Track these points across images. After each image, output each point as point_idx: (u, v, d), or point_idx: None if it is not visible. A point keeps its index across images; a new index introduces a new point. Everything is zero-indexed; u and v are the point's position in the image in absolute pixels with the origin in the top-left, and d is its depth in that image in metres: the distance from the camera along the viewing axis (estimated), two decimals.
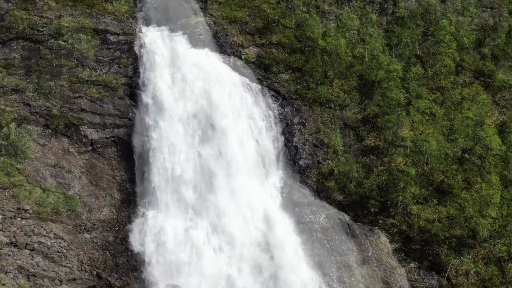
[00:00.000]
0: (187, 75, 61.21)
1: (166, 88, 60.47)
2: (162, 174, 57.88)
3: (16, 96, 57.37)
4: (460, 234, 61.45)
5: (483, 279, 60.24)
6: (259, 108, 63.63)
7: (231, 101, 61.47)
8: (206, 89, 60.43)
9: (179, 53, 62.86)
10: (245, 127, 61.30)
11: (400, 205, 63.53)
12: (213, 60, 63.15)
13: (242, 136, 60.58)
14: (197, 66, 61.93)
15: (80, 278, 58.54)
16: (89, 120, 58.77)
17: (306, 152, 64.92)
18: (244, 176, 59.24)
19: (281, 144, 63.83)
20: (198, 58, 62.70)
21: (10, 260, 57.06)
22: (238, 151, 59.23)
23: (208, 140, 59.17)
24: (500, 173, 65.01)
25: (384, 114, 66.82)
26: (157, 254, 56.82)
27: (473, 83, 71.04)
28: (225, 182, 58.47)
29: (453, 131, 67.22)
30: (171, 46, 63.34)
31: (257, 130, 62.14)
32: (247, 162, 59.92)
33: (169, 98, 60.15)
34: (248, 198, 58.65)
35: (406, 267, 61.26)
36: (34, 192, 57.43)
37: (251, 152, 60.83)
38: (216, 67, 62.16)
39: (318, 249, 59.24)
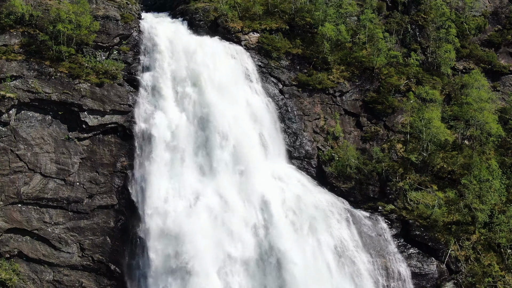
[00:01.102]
0: (186, 61, 60.98)
1: (165, 74, 60.25)
2: (163, 159, 57.73)
3: (16, 82, 57.22)
4: (459, 220, 61.67)
5: (483, 265, 60.52)
6: (258, 94, 63.53)
7: (230, 87, 61.23)
8: (205, 75, 60.20)
9: (178, 39, 62.65)
10: (245, 113, 61.12)
11: (399, 191, 63.69)
12: (212, 46, 62.90)
13: (242, 123, 60.46)
14: (196, 51, 61.69)
15: (81, 264, 58.76)
16: (89, 106, 58.67)
17: (306, 139, 64.94)
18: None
19: (280, 131, 63.73)
20: (197, 44, 62.48)
21: (10, 246, 57.26)
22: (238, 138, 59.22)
23: (208, 126, 59.01)
24: (499, 159, 65.17)
25: (384, 100, 66.84)
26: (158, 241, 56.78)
27: (473, 69, 70.98)
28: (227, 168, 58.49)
29: (453, 117, 67.29)
30: (171, 32, 63.14)
31: (256, 117, 61.97)
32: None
33: (168, 83, 59.99)
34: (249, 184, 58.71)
35: (405, 253, 61.49)
36: (34, 178, 57.44)
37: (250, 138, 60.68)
38: (215, 53, 61.91)
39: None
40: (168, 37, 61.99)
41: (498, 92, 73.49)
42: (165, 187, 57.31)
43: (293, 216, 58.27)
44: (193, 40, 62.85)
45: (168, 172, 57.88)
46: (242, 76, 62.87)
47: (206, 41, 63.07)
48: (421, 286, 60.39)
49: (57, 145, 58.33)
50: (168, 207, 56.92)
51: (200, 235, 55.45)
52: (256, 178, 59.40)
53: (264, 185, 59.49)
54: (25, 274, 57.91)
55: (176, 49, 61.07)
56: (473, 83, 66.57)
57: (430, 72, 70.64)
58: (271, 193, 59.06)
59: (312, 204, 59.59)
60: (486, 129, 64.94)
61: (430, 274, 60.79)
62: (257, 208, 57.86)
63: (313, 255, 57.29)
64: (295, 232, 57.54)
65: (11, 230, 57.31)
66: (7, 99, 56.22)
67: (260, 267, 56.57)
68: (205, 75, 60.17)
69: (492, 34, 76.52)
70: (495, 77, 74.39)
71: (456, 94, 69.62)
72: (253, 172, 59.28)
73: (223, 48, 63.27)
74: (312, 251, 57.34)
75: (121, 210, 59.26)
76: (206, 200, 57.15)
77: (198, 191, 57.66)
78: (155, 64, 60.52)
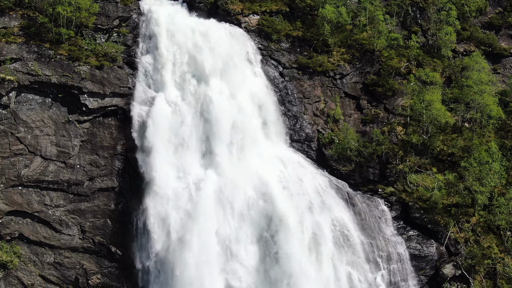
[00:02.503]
0: (185, 44, 60.78)
1: (165, 56, 60.09)
2: (163, 142, 57.72)
3: (16, 64, 57.09)
4: (459, 202, 61.83)
5: (482, 247, 60.77)
6: (259, 77, 63.42)
7: (231, 69, 61.12)
8: (205, 57, 60.05)
9: (178, 21, 62.32)
10: (245, 96, 61.05)
11: (399, 174, 63.81)
12: (212, 28, 62.65)
13: (242, 105, 60.43)
14: (196, 33, 61.42)
15: (81, 246, 58.99)
16: (89, 89, 58.58)
17: (306, 122, 64.94)
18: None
19: (280, 114, 63.70)
20: (197, 26, 62.18)
21: (11, 229, 57.45)
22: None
23: (208, 108, 59.01)
24: (499, 142, 65.21)
25: (384, 83, 66.75)
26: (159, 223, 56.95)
27: (473, 52, 70.82)
28: (227, 150, 58.52)
29: (453, 100, 67.27)
30: (170, 15, 62.78)
31: (256, 99, 61.91)
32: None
33: (168, 66, 59.86)
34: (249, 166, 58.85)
35: (404, 235, 61.74)
36: (34, 160, 57.49)
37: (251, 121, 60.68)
38: (215, 35, 61.67)
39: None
40: (168, 19, 61.61)
41: (498, 75, 73.40)
42: (165, 169, 57.36)
43: (293, 198, 58.39)
44: (193, 22, 62.54)
45: (168, 154, 57.89)
46: (242, 59, 62.63)
47: (206, 23, 62.77)
48: (420, 268, 60.72)
49: (57, 127, 58.32)
50: (169, 190, 57.04)
51: (202, 216, 55.67)
52: (256, 160, 59.46)
53: (264, 167, 59.56)
54: (26, 256, 58.17)
55: (176, 31, 60.74)
56: (473, 65, 66.45)
57: (431, 54, 70.47)
58: (271, 176, 59.13)
59: (312, 186, 59.73)
60: (486, 112, 64.98)
61: (429, 256, 61.08)
62: (257, 190, 58.00)
63: (312, 235, 57.59)
64: (295, 215, 57.75)
65: (11, 212, 57.47)
66: (7, 82, 56.14)
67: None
68: (205, 58, 59.98)
69: (492, 17, 76.26)
70: (495, 59, 74.25)
71: (457, 77, 69.51)
72: (253, 154, 59.36)
73: (223, 30, 62.96)
74: (312, 231, 57.56)
75: (122, 193, 59.40)
76: (207, 183, 57.20)
77: (199, 174, 57.81)
78: (155, 46, 60.29)
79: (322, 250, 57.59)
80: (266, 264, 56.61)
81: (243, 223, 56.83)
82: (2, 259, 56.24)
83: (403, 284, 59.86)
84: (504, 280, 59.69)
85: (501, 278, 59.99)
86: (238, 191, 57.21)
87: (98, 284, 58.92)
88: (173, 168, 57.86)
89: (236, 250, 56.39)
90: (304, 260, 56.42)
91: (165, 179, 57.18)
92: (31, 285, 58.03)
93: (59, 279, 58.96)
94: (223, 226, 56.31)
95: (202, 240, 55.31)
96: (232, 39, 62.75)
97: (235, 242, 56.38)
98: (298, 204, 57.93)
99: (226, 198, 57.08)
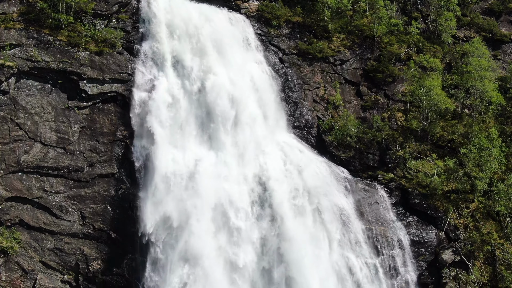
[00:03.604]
0: (185, 29, 60.57)
1: (165, 42, 59.92)
2: (162, 128, 57.68)
3: (15, 50, 56.93)
4: (458, 188, 61.91)
5: (482, 233, 60.93)
6: (258, 63, 63.30)
7: (231, 55, 60.98)
8: (205, 43, 59.91)
9: (178, 7, 62.01)
10: (245, 82, 60.93)
11: (399, 160, 63.84)
12: (212, 14, 62.46)
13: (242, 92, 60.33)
14: (195, 19, 61.19)
15: (81, 232, 59.10)
16: (88, 75, 58.43)
17: (306, 108, 64.89)
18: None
19: (280, 100, 63.64)
20: (196, 12, 61.92)
21: (11, 215, 57.53)
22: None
23: (207, 94, 58.97)
24: (499, 128, 65.21)
25: (385, 69, 66.64)
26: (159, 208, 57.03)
27: (474, 38, 70.69)
28: (227, 136, 58.57)
29: (453, 86, 67.22)
30: (170, 0, 62.51)
31: (256, 85, 61.81)
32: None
33: (168, 51, 59.71)
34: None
35: (404, 221, 61.90)
36: (34, 146, 57.45)
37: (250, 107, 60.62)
38: (215, 21, 61.49)
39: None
40: (167, 4, 61.26)
41: (498, 61, 73.35)
42: (164, 155, 57.30)
43: (291, 183, 58.50)
44: (192, 7, 62.22)
45: (167, 140, 57.82)
46: (242, 45, 62.50)
47: (206, 9, 62.50)
48: (419, 254, 60.90)
49: (57, 114, 58.23)
50: (169, 175, 57.02)
51: (201, 200, 55.85)
52: (255, 147, 59.49)
53: (264, 153, 59.61)
54: (26, 242, 58.29)
55: (175, 17, 60.45)
56: (473, 51, 66.38)
57: (431, 40, 70.33)
58: (270, 162, 59.19)
59: (312, 172, 59.78)
60: (486, 98, 65.02)
61: (429, 242, 61.26)
62: (256, 177, 58.10)
63: (313, 222, 57.75)
64: (294, 199, 57.83)
65: (11, 198, 57.50)
66: (7, 68, 56.02)
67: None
68: (204, 43, 59.83)
69: (493, 2, 76.02)
70: (495, 45, 74.19)
71: (457, 63, 69.40)
72: (253, 140, 59.36)
73: (223, 16, 62.78)
74: (312, 218, 57.72)
75: (122, 179, 59.39)
76: (206, 166, 57.28)
77: (198, 159, 57.82)
78: (154, 32, 60.03)
79: (323, 235, 57.77)
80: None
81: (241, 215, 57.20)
82: (2, 245, 56.36)
83: (403, 269, 60.12)
84: (503, 266, 59.89)
85: (501, 264, 60.19)
86: (238, 177, 57.29)
87: (99, 270, 59.07)
88: (171, 153, 57.73)
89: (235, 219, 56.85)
90: (305, 246, 56.70)
91: (164, 164, 57.07)
92: (32, 270, 58.19)
93: (60, 264, 59.12)
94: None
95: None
96: (232, 25, 62.62)
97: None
98: (297, 190, 57.99)
99: (223, 187, 57.20)
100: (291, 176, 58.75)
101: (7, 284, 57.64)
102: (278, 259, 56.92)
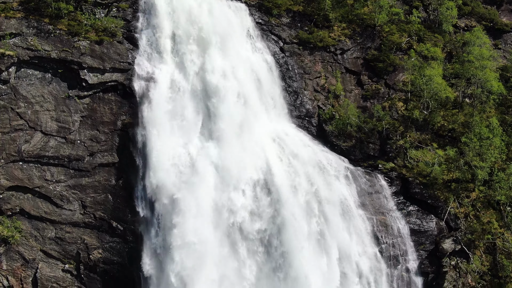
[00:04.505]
0: (186, 18, 60.36)
1: (165, 31, 59.78)
2: (162, 117, 57.64)
3: (15, 40, 56.79)
4: (459, 177, 61.95)
5: (482, 222, 61.00)
6: (259, 52, 63.19)
7: (231, 44, 60.83)
8: (206, 32, 59.73)
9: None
10: (246, 71, 60.83)
11: (400, 149, 63.85)
12: (213, 2, 62.11)
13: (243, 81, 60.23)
14: (196, 8, 60.87)
15: (82, 221, 59.15)
16: (89, 64, 58.31)
17: (307, 97, 64.85)
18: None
19: (281, 89, 63.58)
20: (197, 0, 61.68)
21: (11, 204, 57.57)
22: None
23: (208, 83, 58.87)
24: (500, 117, 65.21)
25: (385, 58, 66.56)
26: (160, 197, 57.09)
27: (474, 27, 70.59)
28: (227, 125, 58.50)
29: (454, 75, 67.15)
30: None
31: (256, 75, 61.73)
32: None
33: (168, 40, 59.58)
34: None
35: (404, 210, 61.96)
36: (35, 136, 57.41)
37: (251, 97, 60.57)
38: (216, 9, 61.22)
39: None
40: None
41: (499, 50, 73.37)
42: (165, 144, 57.26)
43: (293, 173, 58.51)
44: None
45: (168, 129, 57.82)
46: (243, 33, 62.35)
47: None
48: (420, 243, 61.01)
49: (57, 103, 58.17)
50: (169, 163, 57.03)
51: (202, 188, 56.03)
52: (256, 136, 59.46)
53: (265, 143, 59.59)
54: (27, 231, 58.33)
55: (176, 6, 60.18)
56: (474, 40, 66.31)
57: (432, 29, 70.24)
58: (271, 151, 59.19)
59: (312, 162, 59.79)
60: (487, 87, 64.93)
61: (429, 231, 61.35)
62: (257, 166, 58.08)
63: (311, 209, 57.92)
64: (295, 188, 57.87)
65: (12, 188, 57.49)
66: (7, 57, 55.91)
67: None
68: (205, 32, 59.56)
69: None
70: (496, 35, 74.16)
71: (458, 52, 69.39)
72: (253, 129, 59.32)
73: (224, 5, 62.51)
74: (311, 207, 57.82)
75: (122, 168, 59.37)
76: (206, 155, 57.35)
77: (199, 148, 57.82)
78: (154, 21, 59.86)
79: (322, 223, 57.87)
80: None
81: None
82: (3, 234, 56.41)
83: (403, 258, 60.25)
84: (503, 255, 59.99)
85: (501, 253, 60.29)
86: (238, 166, 57.31)
87: (100, 259, 59.15)
88: (171, 142, 57.70)
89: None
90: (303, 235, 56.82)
91: (165, 153, 57.06)
92: (33, 260, 58.28)
93: (61, 254, 59.18)
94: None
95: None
96: (232, 14, 62.39)
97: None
98: (298, 179, 58.03)
99: (226, 175, 57.22)
100: (291, 165, 58.66)
101: (8, 273, 57.76)
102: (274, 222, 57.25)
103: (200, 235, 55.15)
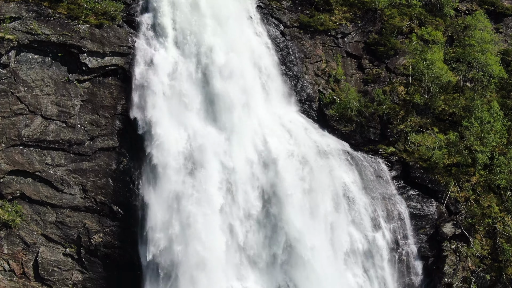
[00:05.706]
0: (186, 1, 60.09)
1: (165, 14, 59.52)
2: (163, 101, 57.53)
3: (15, 23, 56.54)
4: (459, 162, 61.96)
5: (482, 206, 61.08)
6: (260, 36, 62.98)
7: (232, 28, 60.60)
8: (206, 15, 59.44)
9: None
10: (246, 55, 60.66)
11: (400, 133, 63.81)
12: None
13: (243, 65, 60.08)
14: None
15: (83, 206, 59.22)
16: (89, 48, 58.08)
17: (307, 82, 64.71)
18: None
19: (282, 74, 63.42)
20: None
21: (12, 188, 57.63)
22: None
23: (209, 67, 58.74)
24: (501, 101, 65.15)
25: (386, 42, 66.33)
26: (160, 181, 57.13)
27: (476, 11, 70.32)
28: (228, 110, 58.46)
29: (455, 59, 66.97)
30: None
31: (257, 59, 61.58)
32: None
33: (168, 24, 59.33)
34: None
35: (405, 195, 62.01)
36: (35, 120, 57.34)
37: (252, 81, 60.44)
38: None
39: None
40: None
41: (500, 34, 73.04)
42: (165, 128, 57.20)
43: (293, 158, 58.56)
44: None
45: (168, 114, 57.73)
46: (244, 17, 62.14)
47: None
48: (420, 227, 61.12)
49: (57, 87, 58.02)
50: (170, 148, 57.00)
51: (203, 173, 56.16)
52: (256, 119, 59.43)
53: (265, 127, 59.56)
54: (28, 216, 58.42)
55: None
56: (476, 24, 66.12)
57: (433, 13, 69.89)
58: (271, 135, 59.16)
59: (313, 146, 59.80)
60: (488, 71, 64.72)
61: (429, 215, 61.44)
62: (258, 150, 58.13)
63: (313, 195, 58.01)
64: (295, 172, 57.94)
65: (13, 172, 57.50)
66: (7, 41, 55.72)
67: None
68: (205, 15, 59.29)
69: None
70: (498, 18, 73.76)
71: (459, 36, 69.13)
72: (254, 113, 59.26)
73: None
74: (314, 191, 57.93)
75: (123, 152, 59.33)
76: (208, 139, 57.29)
77: (200, 133, 57.77)
78: (154, 4, 59.59)
79: (322, 209, 57.97)
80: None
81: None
82: (4, 218, 56.51)
83: (403, 242, 60.36)
84: (504, 239, 60.16)
85: (501, 237, 60.45)
86: (239, 150, 57.36)
87: (100, 243, 59.29)
88: (172, 126, 57.64)
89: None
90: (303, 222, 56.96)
91: (165, 136, 57.00)
92: (33, 244, 58.42)
93: (61, 238, 59.32)
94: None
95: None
96: None
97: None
98: (299, 162, 58.11)
99: (225, 162, 57.31)
100: (292, 151, 58.73)
101: (9, 257, 57.94)
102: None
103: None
